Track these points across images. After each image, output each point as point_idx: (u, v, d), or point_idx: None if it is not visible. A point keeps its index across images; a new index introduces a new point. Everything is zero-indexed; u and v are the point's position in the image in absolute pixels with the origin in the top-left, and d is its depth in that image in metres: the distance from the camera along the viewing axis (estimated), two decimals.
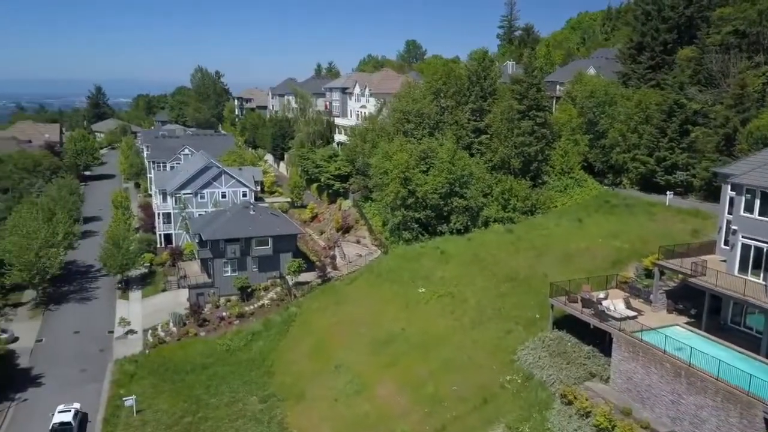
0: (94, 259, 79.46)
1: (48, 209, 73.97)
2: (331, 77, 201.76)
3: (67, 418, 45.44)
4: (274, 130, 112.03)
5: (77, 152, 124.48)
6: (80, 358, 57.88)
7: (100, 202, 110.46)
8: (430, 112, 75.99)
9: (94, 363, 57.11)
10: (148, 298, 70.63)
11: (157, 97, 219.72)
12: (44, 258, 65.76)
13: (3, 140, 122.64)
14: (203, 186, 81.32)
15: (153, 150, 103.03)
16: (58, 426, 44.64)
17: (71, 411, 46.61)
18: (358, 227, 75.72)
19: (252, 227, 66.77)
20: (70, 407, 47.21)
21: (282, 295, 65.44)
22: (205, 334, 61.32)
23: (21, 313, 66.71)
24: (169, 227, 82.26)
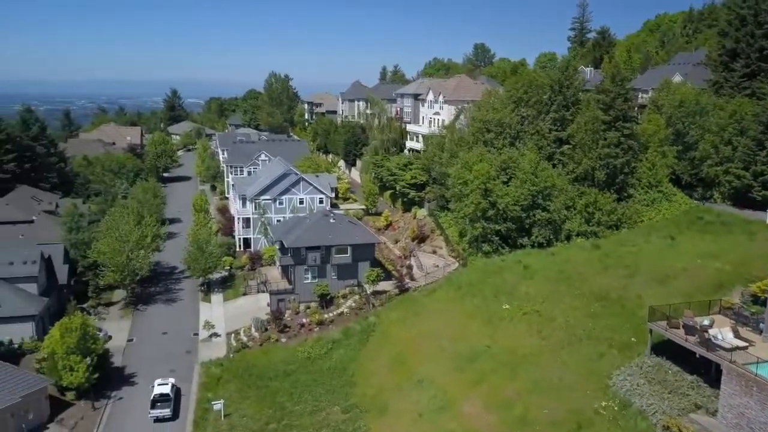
0: (177, 260, 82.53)
1: (137, 212, 77.00)
2: (396, 81, 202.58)
3: (166, 390, 51.82)
4: (347, 137, 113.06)
5: (157, 155, 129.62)
6: (169, 359, 59.94)
7: (178, 203, 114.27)
8: (511, 122, 74.70)
9: (181, 364, 59.02)
10: (230, 301, 72.49)
11: (228, 100, 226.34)
12: (134, 260, 68.55)
13: (90, 142, 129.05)
14: (282, 192, 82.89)
15: (231, 155, 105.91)
16: (158, 396, 51.04)
17: (168, 384, 52.73)
18: (434, 237, 75.30)
19: (332, 235, 67.45)
20: (166, 381, 53.37)
21: (360, 304, 65.80)
22: (286, 341, 62.34)
23: (112, 312, 69.80)
24: (248, 231, 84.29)
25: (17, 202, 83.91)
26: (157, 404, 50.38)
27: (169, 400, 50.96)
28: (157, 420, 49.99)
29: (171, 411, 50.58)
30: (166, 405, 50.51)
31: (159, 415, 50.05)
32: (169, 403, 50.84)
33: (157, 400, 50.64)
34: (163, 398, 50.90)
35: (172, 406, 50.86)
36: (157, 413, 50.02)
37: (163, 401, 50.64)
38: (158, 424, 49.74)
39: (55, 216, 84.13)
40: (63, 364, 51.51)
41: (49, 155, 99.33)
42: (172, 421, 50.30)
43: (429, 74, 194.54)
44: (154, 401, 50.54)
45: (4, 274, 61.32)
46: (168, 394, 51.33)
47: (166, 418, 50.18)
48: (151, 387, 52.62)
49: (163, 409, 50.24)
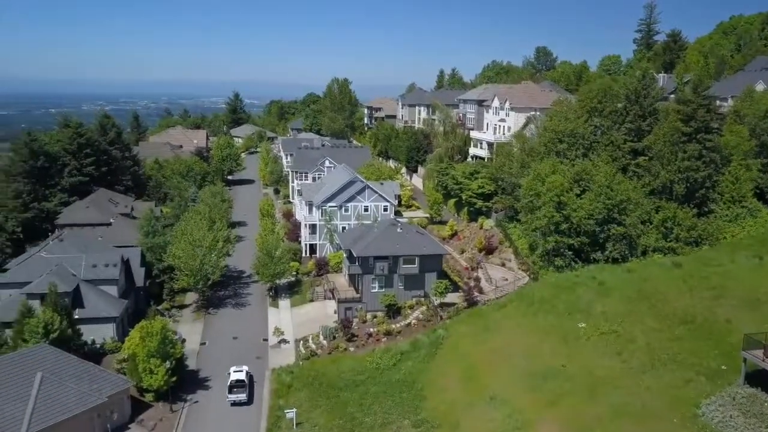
0: (244, 264, 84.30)
1: (209, 217, 79.01)
2: (454, 84, 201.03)
3: (242, 377, 55.49)
4: (409, 143, 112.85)
5: (223, 158, 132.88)
6: (240, 364, 60.89)
7: (243, 206, 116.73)
8: (584, 132, 72.76)
9: (253, 370, 59.87)
10: (297, 307, 73.42)
11: (288, 103, 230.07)
12: (207, 265, 70.30)
13: (159, 145, 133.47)
14: (348, 200, 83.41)
15: (295, 161, 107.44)
16: (235, 382, 54.79)
17: (243, 371, 56.36)
18: (503, 249, 74.11)
19: (399, 245, 67.33)
20: (241, 368, 56.96)
21: (428, 316, 65.39)
22: (354, 350, 62.57)
23: (185, 315, 71.79)
24: (314, 238, 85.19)
25: (96, 204, 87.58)
26: (234, 389, 54.34)
27: (244, 385, 54.77)
28: (234, 404, 54.02)
29: (246, 396, 54.46)
30: (242, 390, 54.44)
31: (236, 399, 54.14)
32: (245, 388, 54.67)
33: (233, 385, 54.47)
34: (239, 384, 54.67)
35: (247, 391, 54.73)
36: (234, 398, 54.12)
37: (239, 387, 54.53)
38: None
39: (130, 219, 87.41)
40: (143, 367, 53.26)
41: (124, 159, 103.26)
42: (247, 405, 54.14)
43: (488, 77, 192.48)
44: (231, 387, 54.44)
45: (89, 276, 64.02)
46: (243, 380, 55.20)
47: (242, 402, 54.18)
48: (228, 374, 56.53)
49: (239, 394, 54.26)
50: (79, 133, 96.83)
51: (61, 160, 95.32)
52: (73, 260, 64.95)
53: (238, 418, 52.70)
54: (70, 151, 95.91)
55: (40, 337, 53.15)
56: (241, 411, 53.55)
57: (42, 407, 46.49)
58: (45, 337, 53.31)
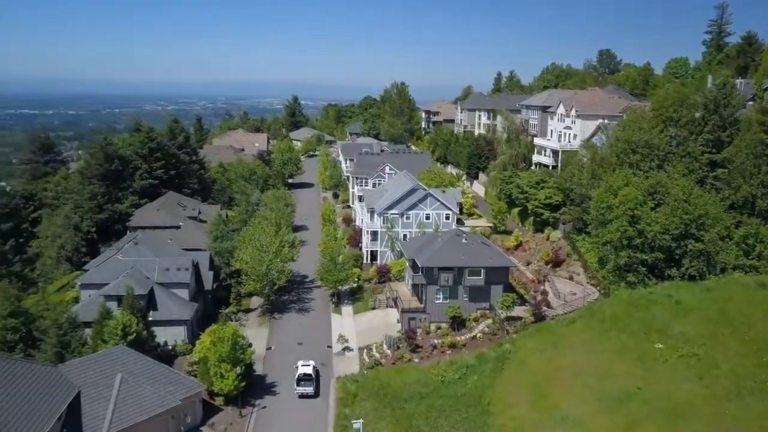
0: (306, 268, 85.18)
1: (275, 222, 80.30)
2: (511, 87, 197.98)
3: (309, 371, 57.86)
4: (470, 149, 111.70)
5: (284, 162, 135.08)
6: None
7: (304, 210, 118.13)
8: (659, 143, 70.12)
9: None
10: (360, 314, 73.69)
11: (345, 107, 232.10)
12: (273, 270, 71.37)
13: (223, 149, 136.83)
14: (409, 207, 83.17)
15: (356, 166, 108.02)
16: (303, 375, 57.25)
17: (310, 365, 58.64)
18: (571, 262, 72.27)
19: (465, 256, 66.57)
20: (308, 362, 59.26)
21: (494, 329, 64.41)
22: (418, 361, 62.23)
23: (251, 319, 73.14)
24: (375, 244, 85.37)
25: (166, 207, 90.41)
26: (302, 382, 56.94)
27: (311, 379, 57.25)
28: (302, 396, 56.59)
29: (313, 389, 56.90)
30: (309, 383, 56.93)
31: (303, 392, 56.70)
32: (312, 382, 57.11)
33: (301, 378, 57.06)
34: (306, 377, 57.18)
35: (314, 385, 57.15)
36: (301, 390, 56.72)
37: (306, 380, 57.04)
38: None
39: (198, 222, 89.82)
40: (215, 371, 54.47)
41: (191, 162, 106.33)
42: (314, 398, 56.59)
43: (547, 80, 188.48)
44: (299, 379, 57.01)
45: (162, 279, 66.08)
46: (310, 374, 57.63)
47: (309, 395, 56.68)
48: (295, 367, 58.89)
49: (306, 387, 56.78)
50: (150, 138, 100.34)
51: (133, 163, 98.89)
52: (148, 263, 67.19)
53: (306, 426, 53.18)
54: (141, 154, 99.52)
55: (119, 339, 55.14)
56: (308, 419, 53.99)
57: (122, 408, 48.10)
58: (123, 338, 55.28)
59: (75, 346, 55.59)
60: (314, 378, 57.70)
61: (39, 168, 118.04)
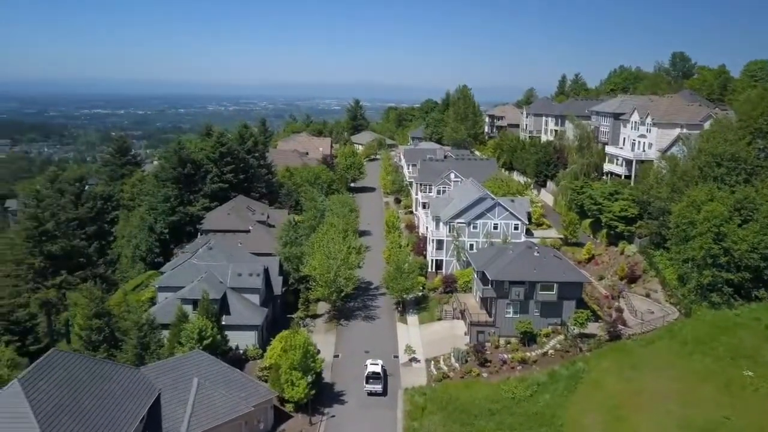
0: (370, 275, 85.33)
1: (342, 229, 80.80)
2: (576, 90, 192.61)
3: (377, 370, 59.84)
4: (538, 156, 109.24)
5: (347, 166, 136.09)
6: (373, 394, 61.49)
7: (366, 215, 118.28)
8: (747, 156, 66.43)
9: None
10: (425, 325, 73.17)
11: (406, 110, 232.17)
12: (341, 277, 71.77)
13: (287, 153, 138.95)
14: (477, 217, 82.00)
15: (420, 172, 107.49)
16: (372, 374, 59.11)
17: (378, 365, 60.55)
18: (647, 278, 69.43)
19: (537, 270, 64.97)
20: (376, 361, 61.25)
21: (566, 346, 62.55)
22: (487, 376, 61.16)
23: (318, 325, 73.81)
24: (440, 253, 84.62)
25: (236, 211, 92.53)
26: (371, 380, 58.68)
27: (380, 378, 58.96)
28: (370, 393, 58.30)
29: (382, 388, 58.50)
30: (378, 382, 58.66)
31: (372, 389, 58.38)
32: (380, 380, 58.77)
33: (370, 377, 58.88)
34: (375, 376, 59.00)
35: (383, 383, 58.79)
36: (370, 388, 58.42)
37: (375, 378, 58.82)
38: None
39: (266, 226, 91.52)
40: (286, 378, 55.17)
41: (259, 167, 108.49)
42: (383, 396, 58.14)
43: (615, 84, 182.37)
44: (368, 377, 58.82)
45: (234, 284, 67.58)
46: (379, 373, 59.45)
47: (378, 393, 58.38)
48: (364, 365, 60.99)
49: (375, 385, 58.43)
50: (221, 142, 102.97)
51: (205, 167, 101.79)
52: (221, 268, 68.83)
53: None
54: (212, 159, 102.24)
55: (195, 343, 56.65)
56: (377, 431, 53.89)
57: (198, 412, 49.29)
58: (199, 342, 56.77)
59: (153, 348, 57.48)
60: (383, 377, 59.32)
61: (116, 170, 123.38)
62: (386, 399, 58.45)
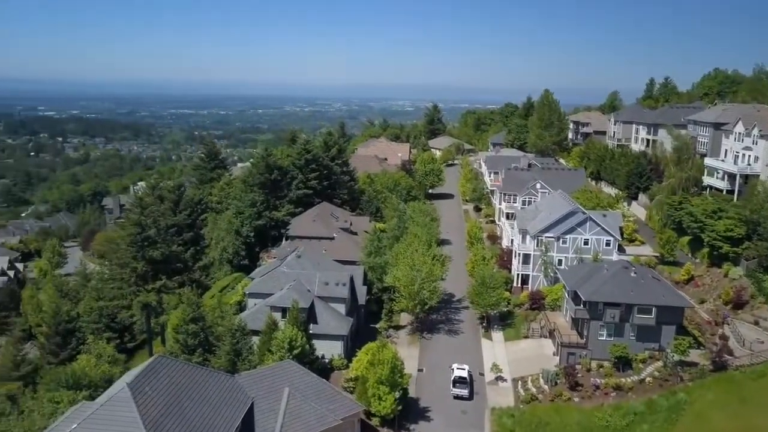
0: (453, 286, 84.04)
1: (426, 240, 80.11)
2: (666, 94, 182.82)
3: (464, 374, 60.84)
4: (630, 167, 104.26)
5: (426, 173, 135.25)
6: (458, 398, 60.59)
7: (445, 223, 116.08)
8: None
9: (471, 406, 59.19)
10: (511, 342, 71.34)
11: (485, 114, 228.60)
12: (425, 290, 71.05)
13: (367, 158, 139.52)
14: (566, 231, 79.15)
15: (504, 182, 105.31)
16: (458, 378, 60.29)
17: (465, 369, 61.62)
18: (756, 304, 64.62)
19: (634, 292, 61.83)
20: (463, 366, 62.27)
21: (665, 374, 59.15)
22: (578, 401, 58.81)
23: (401, 337, 73.44)
24: (526, 268, 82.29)
25: (321, 218, 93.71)
26: (457, 384, 59.86)
27: (466, 382, 60.21)
28: (456, 397, 59.36)
29: (468, 392, 59.61)
30: (465, 386, 59.78)
31: (458, 393, 59.47)
32: (467, 384, 60.02)
33: (457, 380, 60.09)
34: (461, 380, 60.12)
35: (469, 388, 60.03)
36: (457, 392, 59.55)
37: (461, 382, 59.95)
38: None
39: (349, 234, 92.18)
40: (373, 392, 55.05)
41: (342, 173, 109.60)
42: (469, 401, 59.23)
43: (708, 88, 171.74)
44: (455, 381, 60.02)
45: (321, 293, 68.28)
46: (465, 377, 60.56)
47: (464, 397, 59.32)
48: (451, 369, 62.17)
49: (462, 389, 59.53)
50: (306, 150, 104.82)
51: (290, 173, 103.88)
52: (309, 276, 69.74)
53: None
54: (298, 165, 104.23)
55: (285, 352, 57.56)
56: None
57: (288, 423, 49.84)
58: (289, 351, 57.62)
59: (245, 354, 58.90)
60: (469, 381, 60.37)
61: (206, 174, 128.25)
62: (473, 419, 57.36)
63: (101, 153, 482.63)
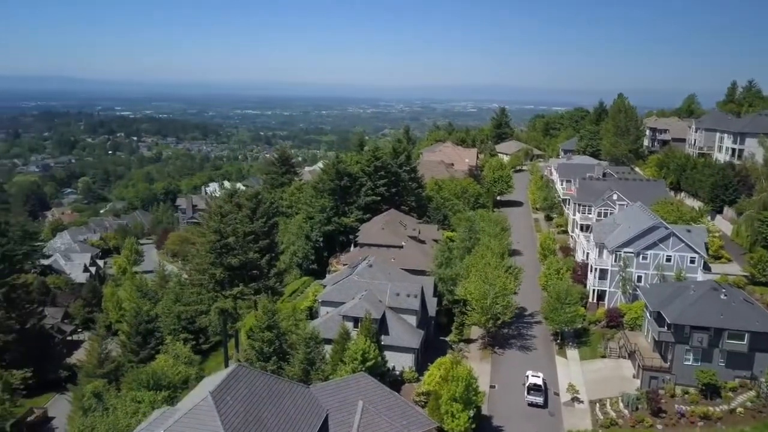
0: (525, 300, 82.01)
1: (499, 253, 78.53)
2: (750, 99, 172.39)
3: (539, 382, 61.11)
4: (714, 179, 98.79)
5: (494, 180, 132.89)
6: (533, 418, 58.91)
7: (515, 233, 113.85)
8: None
9: (547, 428, 57.38)
10: (587, 361, 68.86)
11: (554, 118, 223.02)
12: (498, 305, 69.54)
13: (434, 164, 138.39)
14: (647, 247, 75.67)
15: (579, 192, 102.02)
16: (533, 385, 60.48)
17: (540, 377, 61.78)
18: None
19: (724, 316, 58.30)
20: (538, 374, 62.45)
21: (758, 405, 55.50)
22: (662, 428, 55.99)
23: (472, 351, 72.21)
24: (603, 283, 79.20)
25: (390, 226, 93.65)
26: (532, 392, 60.04)
27: (541, 390, 60.34)
28: (531, 404, 59.50)
29: (543, 400, 59.64)
30: (539, 394, 59.89)
31: (533, 401, 59.61)
32: (542, 392, 60.10)
33: (531, 387, 60.31)
34: (536, 387, 60.32)
35: (544, 395, 60.07)
36: (531, 399, 59.73)
37: (536, 390, 60.13)
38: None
39: (418, 242, 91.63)
40: (446, 409, 54.19)
41: (410, 180, 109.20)
42: (544, 408, 59.22)
43: None
44: (529, 389, 60.26)
45: (392, 304, 68.02)
46: (540, 385, 60.76)
47: (539, 405, 59.42)
48: (526, 376, 62.58)
49: (536, 396, 59.68)
50: (375, 157, 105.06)
51: (359, 180, 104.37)
52: (380, 286, 69.61)
53: None
54: (367, 172, 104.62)
55: (358, 364, 57.53)
56: None
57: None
58: (362, 363, 57.54)
59: (318, 364, 59.28)
60: (544, 389, 60.47)
61: (277, 178, 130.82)
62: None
63: (173, 152, 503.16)
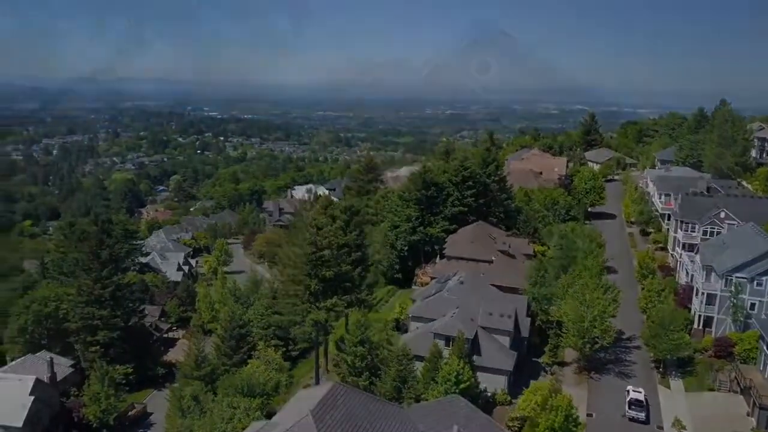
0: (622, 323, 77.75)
1: (597, 273, 75.04)
2: None
3: (641, 397, 60.49)
4: None
5: (586, 190, 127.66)
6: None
7: (608, 248, 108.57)
8: None
9: None
10: (693, 393, 64.49)
11: (647, 124, 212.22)
12: (597, 329, 66.38)
13: (523, 173, 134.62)
14: (764, 272, 70.00)
15: (681, 208, 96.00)
16: (634, 401, 59.90)
17: (641, 392, 61.27)
18: None
19: None
20: (639, 389, 61.88)
21: None
22: None
23: (567, 375, 69.37)
24: (710, 309, 73.96)
25: (479, 239, 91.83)
26: (633, 407, 59.28)
27: (643, 405, 59.61)
28: (632, 419, 58.61)
29: (645, 416, 58.80)
30: (641, 409, 59.19)
31: (634, 416, 58.76)
32: (644, 408, 59.39)
33: (633, 402, 59.61)
34: (638, 403, 59.58)
35: (645, 411, 59.20)
36: (633, 414, 58.89)
37: (638, 405, 59.37)
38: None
39: (508, 257, 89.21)
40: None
41: (499, 191, 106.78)
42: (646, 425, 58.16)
43: None
44: (630, 403, 59.55)
45: (484, 323, 66.37)
46: (642, 400, 60.06)
47: (641, 421, 58.44)
48: (626, 391, 61.81)
49: (638, 412, 58.85)
50: (463, 166, 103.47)
51: (446, 190, 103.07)
52: (472, 304, 68.14)
53: None
54: (454, 182, 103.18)
55: (451, 385, 56.46)
56: None
57: None
58: (455, 385, 56.44)
59: (410, 382, 58.70)
60: (646, 405, 59.83)
61: (363, 186, 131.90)
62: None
63: (257, 152, 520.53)
